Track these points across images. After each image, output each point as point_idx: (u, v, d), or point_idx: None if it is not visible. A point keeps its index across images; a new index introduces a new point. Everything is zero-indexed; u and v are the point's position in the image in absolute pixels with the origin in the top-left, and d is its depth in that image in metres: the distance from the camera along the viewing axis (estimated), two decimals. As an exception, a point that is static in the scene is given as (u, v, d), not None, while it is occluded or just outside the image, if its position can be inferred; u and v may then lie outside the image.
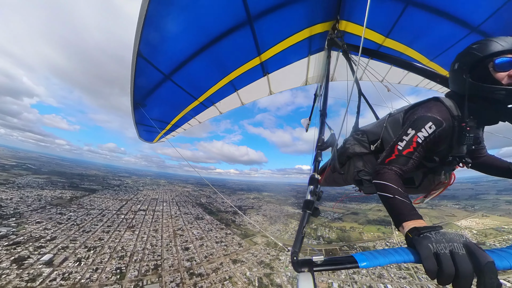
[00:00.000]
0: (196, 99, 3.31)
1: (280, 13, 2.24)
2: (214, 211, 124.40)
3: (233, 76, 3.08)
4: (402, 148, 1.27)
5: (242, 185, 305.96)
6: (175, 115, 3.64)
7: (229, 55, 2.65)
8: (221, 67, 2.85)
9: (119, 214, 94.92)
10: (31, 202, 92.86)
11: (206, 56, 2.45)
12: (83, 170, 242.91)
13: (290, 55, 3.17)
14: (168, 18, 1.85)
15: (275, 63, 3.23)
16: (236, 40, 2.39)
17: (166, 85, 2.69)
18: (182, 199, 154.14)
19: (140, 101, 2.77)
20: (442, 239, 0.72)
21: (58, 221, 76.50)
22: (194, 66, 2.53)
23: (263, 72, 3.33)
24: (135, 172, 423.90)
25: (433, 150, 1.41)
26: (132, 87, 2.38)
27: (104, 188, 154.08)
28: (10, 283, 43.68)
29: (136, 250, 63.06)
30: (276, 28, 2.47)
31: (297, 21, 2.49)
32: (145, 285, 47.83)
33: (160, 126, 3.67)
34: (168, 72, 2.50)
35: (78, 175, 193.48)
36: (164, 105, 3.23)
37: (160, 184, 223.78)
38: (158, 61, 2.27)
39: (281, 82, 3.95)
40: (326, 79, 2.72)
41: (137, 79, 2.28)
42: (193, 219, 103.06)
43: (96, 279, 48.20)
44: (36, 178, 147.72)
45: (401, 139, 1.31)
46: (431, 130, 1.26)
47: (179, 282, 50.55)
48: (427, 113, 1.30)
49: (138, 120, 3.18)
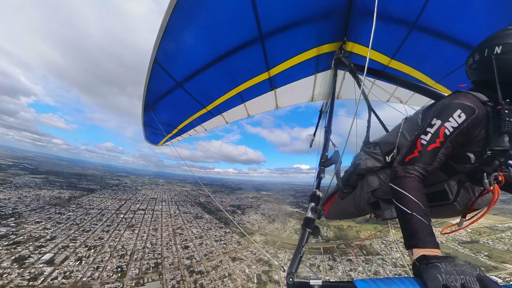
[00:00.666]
0: (204, 107, 3.46)
1: (290, 32, 2.36)
2: (213, 210, 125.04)
3: (242, 88, 3.23)
4: (426, 143, 1.07)
5: (240, 185, 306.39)
6: (183, 121, 3.80)
7: (240, 68, 2.78)
8: (231, 79, 3.00)
9: (118, 213, 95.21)
10: (29, 202, 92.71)
11: (218, 68, 2.59)
12: (80, 170, 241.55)
13: (298, 72, 3.28)
14: (186, 31, 1.99)
15: (283, 79, 3.36)
16: (247, 55, 2.53)
17: (177, 91, 2.84)
18: (181, 199, 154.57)
19: (151, 104, 2.92)
20: (453, 271, 0.65)
21: (57, 220, 76.65)
22: (206, 76, 2.67)
23: (270, 87, 3.48)
24: (133, 172, 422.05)
25: (466, 145, 1.15)
26: (145, 91, 2.53)
27: (103, 187, 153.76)
28: (12, 282, 44.09)
29: (136, 248, 63.68)
30: (286, 46, 2.60)
31: (306, 40, 2.60)
32: (146, 283, 48.56)
33: (167, 130, 3.83)
34: (180, 80, 2.64)
35: (76, 175, 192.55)
36: (173, 110, 3.40)
37: (158, 183, 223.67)
38: (173, 69, 2.42)
39: (288, 97, 4.11)
40: (332, 96, 2.80)
41: (151, 83, 2.44)
42: (192, 218, 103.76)
43: (98, 278, 48.77)
44: (33, 178, 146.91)
45: (424, 131, 1.11)
46: (462, 119, 1.04)
47: (180, 280, 51.39)
48: (454, 100, 1.11)
49: (146, 122, 3.33)
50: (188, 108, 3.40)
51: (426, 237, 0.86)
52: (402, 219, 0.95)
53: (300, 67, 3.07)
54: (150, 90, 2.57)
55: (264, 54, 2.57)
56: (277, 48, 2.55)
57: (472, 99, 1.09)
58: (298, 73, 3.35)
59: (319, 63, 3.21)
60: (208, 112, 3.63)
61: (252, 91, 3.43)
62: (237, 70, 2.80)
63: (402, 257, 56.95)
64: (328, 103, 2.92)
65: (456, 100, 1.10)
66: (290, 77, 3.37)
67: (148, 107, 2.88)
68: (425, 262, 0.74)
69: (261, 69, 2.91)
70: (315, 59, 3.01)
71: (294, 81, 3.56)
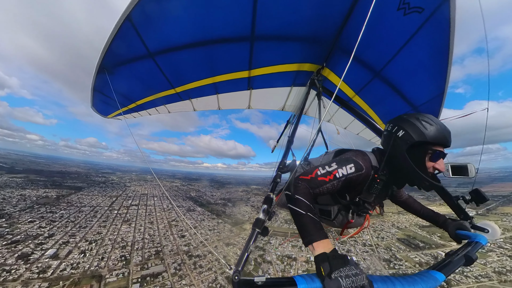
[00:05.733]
0: (173, 88, 3.19)
1: (280, 43, 2.45)
2: (204, 203, 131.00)
3: (219, 80, 3.14)
4: (320, 174, 1.36)
5: (230, 179, 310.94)
6: (145, 97, 3.41)
7: (222, 59, 2.70)
8: (210, 67, 2.86)
9: (112, 209, 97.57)
10: (16, 203, 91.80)
11: (199, 51, 2.44)
12: (61, 168, 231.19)
13: (276, 80, 3.38)
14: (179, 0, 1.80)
15: (261, 82, 3.40)
16: (233, 50, 2.49)
17: (146, 62, 2.48)
18: (172, 194, 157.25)
19: (109, 67, 2.42)
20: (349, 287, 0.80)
21: (51, 219, 78.04)
22: (184, 56, 2.48)
23: (248, 86, 3.45)
24: (118, 168, 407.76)
25: (347, 188, 1.55)
26: (106, 48, 2.04)
27: (90, 185, 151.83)
28: (21, 276, 47.10)
29: (136, 240, 68.31)
30: (272, 54, 2.67)
31: (291, 54, 2.72)
32: (150, 267, 54.16)
33: (123, 102, 3.36)
34: (153, 51, 2.33)
35: (58, 173, 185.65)
36: (136, 82, 2.98)
37: (147, 179, 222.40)
38: (147, 35, 2.07)
39: (261, 101, 4.16)
40: (300, 111, 2.97)
41: (116, 41, 1.97)
42: (185, 211, 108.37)
43: (105, 266, 53.19)
44: (12, 177, 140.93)
45: (323, 166, 1.40)
46: (351, 171, 1.39)
47: (180, 263, 57.62)
48: (353, 157, 1.47)
49: (98, 86, 2.78)
50: (154, 84, 3.07)
51: (318, 231, 1.05)
52: (298, 219, 1.14)
53: (280, 76, 3.20)
54: (112, 50, 2.08)
55: (250, 53, 2.58)
56: (264, 53, 2.61)
57: (366, 161, 1.48)
58: (276, 81, 3.46)
59: (297, 78, 3.39)
60: (177, 94, 3.38)
61: (229, 85, 3.38)
62: (219, 61, 2.71)
63: (371, 239, 68.59)
64: (296, 116, 3.05)
65: (355, 157, 1.48)
66: (268, 82, 3.46)
67: (104, 68, 2.37)
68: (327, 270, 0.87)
69: (243, 67, 2.90)
70: (294, 73, 3.17)
71: (270, 87, 3.69)
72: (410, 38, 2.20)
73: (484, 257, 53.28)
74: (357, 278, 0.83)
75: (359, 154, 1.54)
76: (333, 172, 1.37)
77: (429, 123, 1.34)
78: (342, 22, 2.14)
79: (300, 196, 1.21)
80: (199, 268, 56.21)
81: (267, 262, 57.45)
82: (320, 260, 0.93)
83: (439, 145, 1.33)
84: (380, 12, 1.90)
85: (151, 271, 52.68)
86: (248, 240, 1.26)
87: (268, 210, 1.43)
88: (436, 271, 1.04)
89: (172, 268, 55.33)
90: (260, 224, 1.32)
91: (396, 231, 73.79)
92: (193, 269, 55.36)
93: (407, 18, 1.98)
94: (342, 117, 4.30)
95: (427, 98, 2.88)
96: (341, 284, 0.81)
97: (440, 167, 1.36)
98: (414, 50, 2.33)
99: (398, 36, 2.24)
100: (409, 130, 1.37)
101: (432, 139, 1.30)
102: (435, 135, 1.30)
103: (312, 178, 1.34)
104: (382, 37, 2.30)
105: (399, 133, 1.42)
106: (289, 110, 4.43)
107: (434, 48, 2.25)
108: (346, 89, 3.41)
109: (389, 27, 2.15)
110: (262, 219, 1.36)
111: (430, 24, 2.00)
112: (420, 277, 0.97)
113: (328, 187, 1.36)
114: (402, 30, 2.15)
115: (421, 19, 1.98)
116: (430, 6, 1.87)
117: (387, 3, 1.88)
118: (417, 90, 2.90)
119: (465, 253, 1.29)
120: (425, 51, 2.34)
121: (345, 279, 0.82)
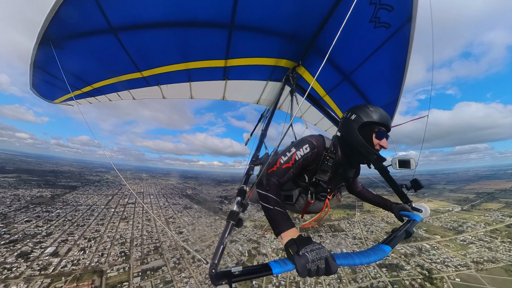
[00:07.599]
0: (139, 71, 2.80)
1: (259, 35, 2.37)
2: (201, 201, 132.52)
3: (192, 66, 2.92)
4: (283, 162, 1.52)
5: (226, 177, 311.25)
6: (104, 79, 2.93)
7: (197, 45, 2.46)
8: (184, 52, 2.58)
9: (109, 208, 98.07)
10: (10, 203, 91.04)
11: (171, 33, 2.17)
12: (54, 167, 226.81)
13: (253, 72, 3.31)
14: None
15: (237, 73, 3.30)
16: (210, 36, 2.29)
17: (106, 38, 2.07)
18: (168, 192, 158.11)
19: (57, 38, 1.90)
20: (315, 258, 0.95)
21: (47, 218, 78.09)
22: (153, 35, 2.17)
23: (223, 76, 3.32)
24: (112, 167, 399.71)
25: (305, 169, 1.69)
26: (52, 14, 1.57)
27: (85, 184, 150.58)
28: (23, 274, 47.67)
29: (135, 236, 69.65)
30: (251, 45, 2.57)
31: (270, 48, 2.68)
32: (149, 262, 55.91)
33: (75, 84, 2.87)
34: (116, 26, 1.93)
35: (50, 172, 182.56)
36: (93, 60, 2.49)
37: (142, 178, 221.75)
38: (109, 5, 1.70)
39: (236, 93, 4.01)
40: (274, 106, 3.00)
41: (66, 7, 1.54)
42: (182, 208, 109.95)
43: (105, 262, 54.45)
44: (3, 177, 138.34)
45: (284, 154, 1.57)
46: (306, 151, 1.56)
47: (179, 257, 59.56)
48: (308, 138, 1.65)
49: (39, 61, 2.18)
50: (116, 65, 2.64)
51: (285, 222, 1.19)
52: (268, 214, 1.28)
53: (257, 69, 3.14)
54: (61, 17, 1.62)
55: (228, 42, 2.42)
56: (242, 43, 2.49)
57: (319, 141, 1.65)
58: (252, 74, 3.37)
59: (273, 73, 3.35)
60: (143, 78, 2.98)
61: (203, 73, 3.16)
62: (194, 46, 2.46)
63: (361, 233, 72.50)
64: (270, 110, 3.06)
65: (309, 138, 1.64)
66: (245, 74, 3.36)
67: (49, 40, 1.86)
68: (295, 249, 1.01)
69: (219, 55, 2.71)
70: (271, 68, 3.13)
71: (246, 80, 3.55)
72: (377, 49, 2.40)
73: (464, 249, 57.53)
74: (320, 251, 0.98)
75: (314, 135, 1.72)
76: (293, 156, 1.55)
77: (374, 109, 1.63)
78: (320, 24, 2.20)
79: (268, 193, 1.35)
80: (198, 261, 58.48)
81: (262, 255, 60.39)
82: (289, 245, 1.06)
83: (382, 125, 1.59)
84: (355, 21, 2.00)
85: (151, 265, 54.56)
86: (223, 233, 1.31)
87: (241, 202, 1.49)
88: (385, 245, 1.23)
89: (171, 262, 57.38)
90: (235, 216, 1.40)
91: (385, 225, 78.09)
92: (191, 263, 57.54)
93: (376, 31, 2.14)
94: (313, 114, 4.50)
95: (385, 102, 3.28)
96: (308, 257, 0.95)
97: (384, 144, 1.59)
98: (378, 60, 2.56)
99: (367, 45, 2.43)
100: (360, 113, 1.63)
101: (377, 119, 1.57)
102: (378, 117, 1.58)
103: (277, 168, 1.52)
104: (354, 43, 2.45)
105: (352, 117, 1.66)
106: (263, 104, 4.38)
107: (394, 61, 2.51)
108: (318, 88, 3.57)
109: (361, 35, 2.30)
110: (236, 211, 1.42)
111: (393, 40, 2.20)
112: (372, 251, 1.14)
113: (293, 171, 1.55)
114: (371, 40, 2.33)
115: (387, 34, 2.17)
116: (396, 24, 2.04)
117: (362, 14, 2.00)
118: (377, 95, 3.25)
119: (406, 229, 1.54)
120: (387, 63, 2.60)
121: (311, 253, 0.96)
